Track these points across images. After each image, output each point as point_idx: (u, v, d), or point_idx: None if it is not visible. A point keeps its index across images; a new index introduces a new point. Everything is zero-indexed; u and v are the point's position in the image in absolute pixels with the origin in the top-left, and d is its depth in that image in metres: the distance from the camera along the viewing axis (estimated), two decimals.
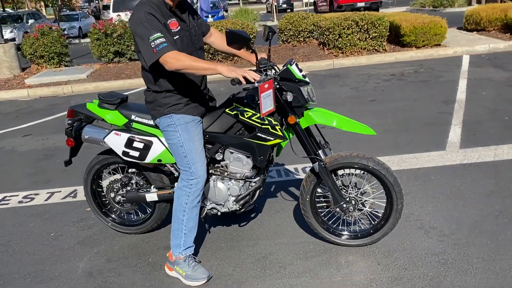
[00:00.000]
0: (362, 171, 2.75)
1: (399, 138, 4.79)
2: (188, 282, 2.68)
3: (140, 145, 2.82)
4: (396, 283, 2.49)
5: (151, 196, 3.02)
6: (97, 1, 44.17)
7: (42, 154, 5.40)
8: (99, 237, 3.29)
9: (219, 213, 2.92)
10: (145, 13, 2.36)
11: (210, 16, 17.00)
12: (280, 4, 30.80)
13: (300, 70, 2.65)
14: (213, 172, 2.85)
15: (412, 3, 22.78)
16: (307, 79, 2.65)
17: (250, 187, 2.85)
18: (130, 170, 3.14)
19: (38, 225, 3.56)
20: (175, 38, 2.47)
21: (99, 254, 3.07)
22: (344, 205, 2.74)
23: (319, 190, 2.85)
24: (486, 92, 6.28)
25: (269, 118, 2.62)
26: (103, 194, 3.25)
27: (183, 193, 2.65)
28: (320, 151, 2.74)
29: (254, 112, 2.64)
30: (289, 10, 33.04)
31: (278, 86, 2.59)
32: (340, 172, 2.80)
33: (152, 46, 2.32)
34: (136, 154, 2.84)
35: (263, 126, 2.63)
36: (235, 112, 2.69)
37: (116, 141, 2.86)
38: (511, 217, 3.04)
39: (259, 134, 2.65)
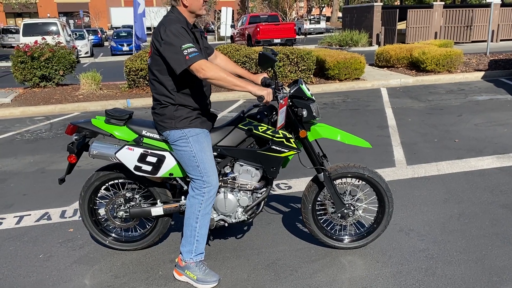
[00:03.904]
0: (358, 180, 3.11)
1: (352, 157, 5.29)
2: (200, 285, 2.79)
3: (153, 160, 2.89)
4: (399, 276, 2.84)
5: (157, 210, 3.07)
6: None
7: None
8: (96, 255, 3.22)
9: (226, 224, 3.07)
10: (179, 26, 2.57)
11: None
12: None
13: (308, 89, 2.96)
14: (222, 184, 3.00)
15: (320, 42, 24.60)
16: (313, 97, 2.97)
17: (257, 198, 3.04)
18: (129, 186, 3.17)
19: (20, 248, 3.36)
20: None
21: (102, 271, 3.02)
22: (345, 211, 3.06)
23: (319, 199, 3.15)
24: (412, 119, 7.15)
25: (283, 132, 2.87)
26: (98, 211, 3.23)
27: (196, 201, 2.78)
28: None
29: (268, 126, 2.88)
30: None
31: (290, 103, 2.88)
32: (337, 181, 3.13)
33: (185, 53, 2.50)
34: (149, 168, 2.91)
35: (277, 140, 2.87)
36: (248, 127, 2.90)
37: (129, 156, 2.90)
38: (469, 219, 3.59)
39: (273, 146, 2.88)
